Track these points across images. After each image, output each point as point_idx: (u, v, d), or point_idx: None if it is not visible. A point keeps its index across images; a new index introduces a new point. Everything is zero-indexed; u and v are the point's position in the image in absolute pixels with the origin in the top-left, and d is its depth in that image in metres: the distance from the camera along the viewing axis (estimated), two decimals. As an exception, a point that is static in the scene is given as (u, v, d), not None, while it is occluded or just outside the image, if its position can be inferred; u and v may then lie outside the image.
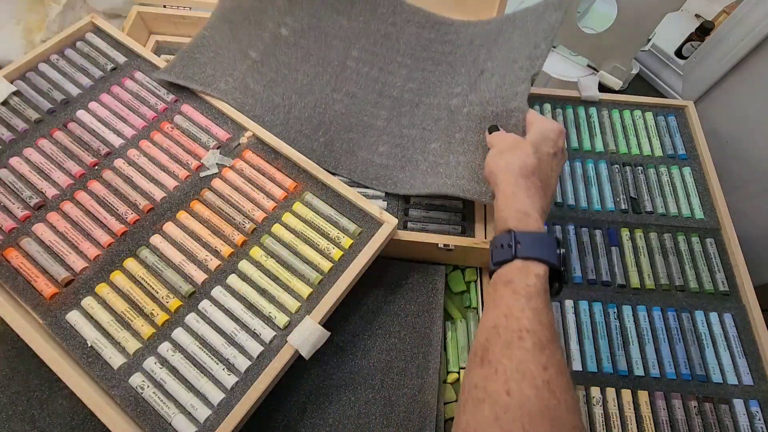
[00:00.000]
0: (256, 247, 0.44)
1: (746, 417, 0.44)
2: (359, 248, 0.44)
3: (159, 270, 0.42)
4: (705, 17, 0.88)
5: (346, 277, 0.42)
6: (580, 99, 0.65)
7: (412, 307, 0.49)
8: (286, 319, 0.40)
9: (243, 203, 0.46)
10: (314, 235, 0.45)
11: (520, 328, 0.29)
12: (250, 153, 0.49)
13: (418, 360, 0.46)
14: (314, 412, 0.44)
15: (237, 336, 0.40)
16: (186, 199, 0.46)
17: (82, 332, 0.39)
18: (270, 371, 0.38)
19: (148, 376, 0.38)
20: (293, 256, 0.44)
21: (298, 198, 0.47)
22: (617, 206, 0.57)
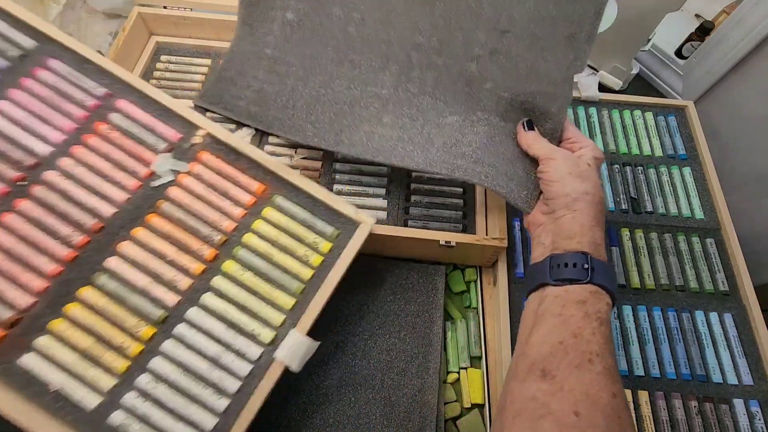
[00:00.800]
0: (229, 260, 0.40)
1: (746, 417, 0.44)
2: (338, 252, 0.42)
3: (123, 297, 0.38)
4: (705, 17, 0.88)
5: (329, 284, 0.40)
6: (580, 99, 0.65)
7: (412, 307, 0.49)
8: (271, 334, 0.38)
9: (208, 213, 0.41)
10: (290, 241, 0.42)
11: (590, 351, 0.28)
12: (207, 154, 0.44)
13: (418, 360, 0.46)
14: (314, 412, 0.44)
15: (222, 358, 0.37)
16: (140, 214, 0.40)
17: (42, 377, 0.34)
18: (261, 390, 0.36)
19: (130, 412, 0.35)
20: (271, 267, 0.41)
21: (268, 202, 0.43)
22: (617, 206, 0.57)
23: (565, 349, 0.29)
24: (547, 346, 0.30)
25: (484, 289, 0.52)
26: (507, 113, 0.44)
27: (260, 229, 0.42)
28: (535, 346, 0.30)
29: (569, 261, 0.33)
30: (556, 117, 0.42)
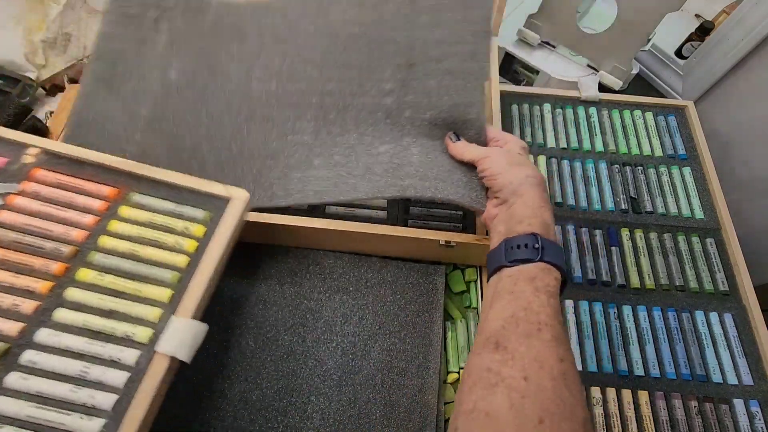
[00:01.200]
0: (82, 269, 0.37)
1: (746, 417, 0.44)
2: (214, 232, 0.39)
3: None
4: (705, 17, 0.88)
5: (209, 262, 0.37)
6: (580, 99, 0.65)
7: (412, 307, 0.49)
8: (149, 332, 0.34)
9: (50, 228, 0.38)
10: (157, 234, 0.39)
11: (539, 321, 0.30)
12: (42, 171, 0.40)
13: (418, 360, 0.46)
14: (314, 412, 0.44)
15: (88, 374, 0.33)
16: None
17: None
18: (144, 393, 0.32)
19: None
20: (137, 264, 0.37)
21: (123, 202, 0.40)
22: (617, 206, 0.57)
23: (516, 322, 0.31)
24: (500, 321, 0.32)
25: (484, 289, 0.52)
26: (432, 132, 0.46)
27: (118, 229, 0.39)
28: (490, 322, 0.32)
29: (521, 242, 0.36)
30: (476, 123, 0.45)
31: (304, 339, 0.47)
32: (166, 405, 0.43)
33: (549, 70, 0.75)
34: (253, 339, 0.47)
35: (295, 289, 0.50)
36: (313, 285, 0.50)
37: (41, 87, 0.68)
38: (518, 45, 0.79)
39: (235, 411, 0.43)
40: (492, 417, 0.27)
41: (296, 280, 0.50)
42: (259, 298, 0.49)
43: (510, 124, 0.63)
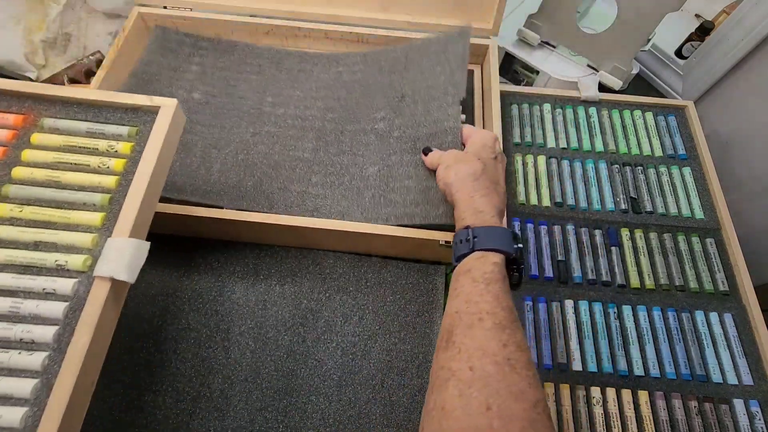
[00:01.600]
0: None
1: (746, 417, 0.44)
2: (143, 146, 0.36)
3: None
4: (705, 17, 0.88)
5: (142, 177, 0.35)
6: (580, 99, 0.65)
7: (412, 307, 0.49)
8: (83, 258, 0.32)
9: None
10: (77, 157, 0.36)
11: (480, 311, 0.31)
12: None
13: (418, 360, 0.46)
14: (314, 412, 0.44)
15: (20, 309, 0.31)
16: None
17: None
18: (88, 320, 0.30)
19: None
20: (60, 191, 0.35)
21: (35, 129, 0.37)
22: (617, 206, 0.57)
23: (460, 316, 0.31)
24: (448, 319, 0.33)
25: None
26: (416, 146, 0.52)
27: (32, 158, 0.36)
28: (442, 324, 0.34)
29: (458, 239, 0.37)
30: (453, 130, 0.50)
31: (304, 339, 0.47)
32: (167, 404, 0.44)
33: (549, 70, 0.75)
34: (253, 339, 0.47)
35: (295, 289, 0.50)
36: (313, 285, 0.50)
37: (41, 87, 0.68)
38: (518, 45, 0.79)
39: (235, 411, 0.43)
40: (446, 410, 0.28)
41: (296, 280, 0.50)
42: (259, 298, 0.49)
43: (510, 124, 0.63)
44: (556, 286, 0.51)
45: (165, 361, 0.45)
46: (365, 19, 0.62)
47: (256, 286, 0.50)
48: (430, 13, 0.62)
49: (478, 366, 0.28)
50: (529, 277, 0.52)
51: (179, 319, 0.48)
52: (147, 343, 0.46)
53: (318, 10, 0.62)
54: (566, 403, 0.45)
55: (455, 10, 0.61)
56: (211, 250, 0.52)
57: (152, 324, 0.47)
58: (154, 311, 0.48)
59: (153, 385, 0.44)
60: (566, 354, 0.47)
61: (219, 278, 0.50)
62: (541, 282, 0.52)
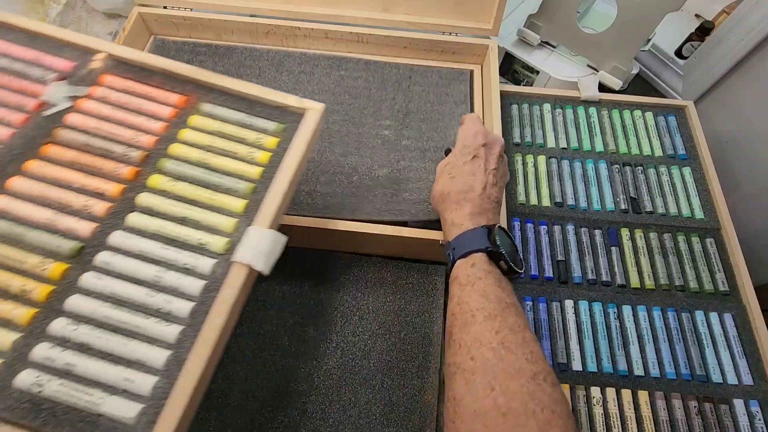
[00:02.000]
0: (154, 174, 0.36)
1: (746, 417, 0.44)
2: (288, 143, 0.37)
3: (17, 236, 0.32)
4: (705, 17, 0.88)
5: (285, 172, 0.35)
6: (580, 99, 0.65)
7: (412, 307, 0.49)
8: (223, 241, 0.33)
9: (119, 132, 0.37)
10: (228, 144, 0.37)
11: (471, 309, 0.33)
12: (110, 76, 0.39)
13: (418, 360, 0.46)
14: (314, 412, 0.44)
15: (163, 279, 0.31)
16: (32, 146, 0.35)
17: None
18: (224, 301, 0.30)
19: (43, 368, 0.28)
20: (209, 172, 0.36)
21: (193, 111, 0.39)
22: (617, 206, 0.57)
23: (455, 318, 0.34)
24: (448, 322, 0.35)
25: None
26: (424, 155, 0.54)
27: (188, 138, 0.37)
28: (446, 327, 0.36)
29: (444, 254, 0.39)
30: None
31: (304, 339, 0.47)
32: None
33: (549, 70, 0.75)
34: (253, 339, 0.47)
35: (295, 289, 0.50)
36: (313, 285, 0.50)
37: (41, 87, 0.68)
38: (518, 45, 0.79)
39: (235, 411, 0.43)
40: (457, 399, 0.30)
41: (296, 280, 0.50)
42: (259, 298, 0.49)
43: (510, 124, 0.63)
44: (556, 286, 0.51)
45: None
46: (365, 19, 0.62)
47: (256, 286, 0.50)
48: (430, 13, 0.62)
49: (477, 355, 0.31)
50: (530, 277, 0.52)
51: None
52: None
53: (318, 10, 0.62)
54: (566, 403, 0.45)
55: (455, 10, 0.61)
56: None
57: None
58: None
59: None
60: (566, 354, 0.47)
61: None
62: (541, 282, 0.52)
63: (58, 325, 0.29)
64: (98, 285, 0.31)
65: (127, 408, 0.27)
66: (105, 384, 0.28)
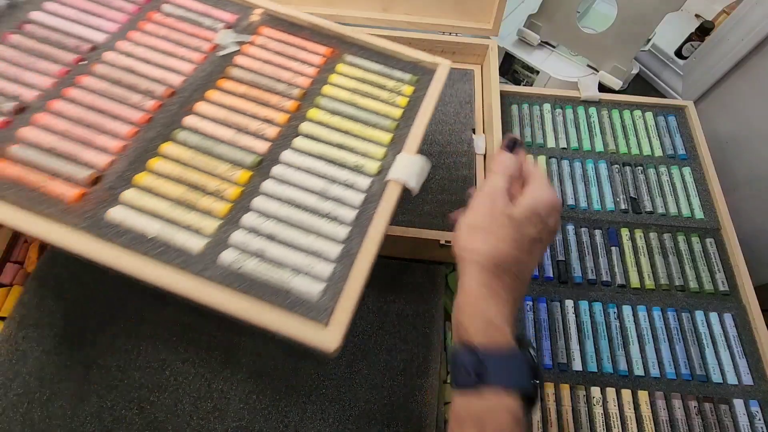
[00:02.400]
0: (313, 108, 0.41)
1: (746, 417, 0.44)
2: (423, 91, 0.42)
3: (208, 148, 0.37)
4: (705, 17, 0.88)
5: (425, 112, 0.41)
6: (580, 99, 0.65)
7: (412, 307, 0.49)
8: (376, 164, 0.37)
9: (279, 73, 0.43)
10: (371, 88, 0.43)
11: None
12: (267, 28, 0.46)
13: (418, 360, 0.46)
14: (314, 412, 0.44)
15: (329, 190, 0.36)
16: (211, 79, 0.41)
17: (136, 227, 0.32)
18: (383, 211, 0.35)
19: (241, 249, 0.33)
20: (357, 110, 0.41)
21: (339, 60, 0.44)
22: (617, 206, 0.57)
23: None
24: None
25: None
26: (428, 156, 0.57)
27: (337, 81, 0.43)
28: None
29: (461, 362, 0.28)
30: (466, 154, 0.56)
31: (304, 339, 0.47)
32: (167, 404, 0.44)
33: (549, 70, 0.75)
34: (253, 339, 0.47)
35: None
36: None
37: (41, 87, 0.68)
38: (518, 45, 0.79)
39: (235, 411, 0.43)
40: None
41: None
42: (259, 298, 0.49)
43: (510, 124, 0.63)
44: (556, 286, 0.51)
45: (165, 361, 0.45)
46: (365, 19, 0.62)
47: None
48: (430, 13, 0.62)
49: None
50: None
51: (179, 319, 0.48)
52: (147, 343, 0.46)
53: (318, 10, 0.62)
54: (566, 403, 0.45)
55: (455, 10, 0.61)
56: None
57: (152, 324, 0.47)
58: (155, 312, 0.48)
59: (153, 385, 0.44)
60: (566, 354, 0.47)
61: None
62: (541, 282, 0.52)
63: (249, 218, 0.34)
64: (277, 191, 0.36)
65: (312, 286, 0.31)
66: (291, 266, 0.32)
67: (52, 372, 0.44)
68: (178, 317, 0.48)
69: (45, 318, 0.47)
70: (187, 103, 0.39)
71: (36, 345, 0.45)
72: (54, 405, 0.42)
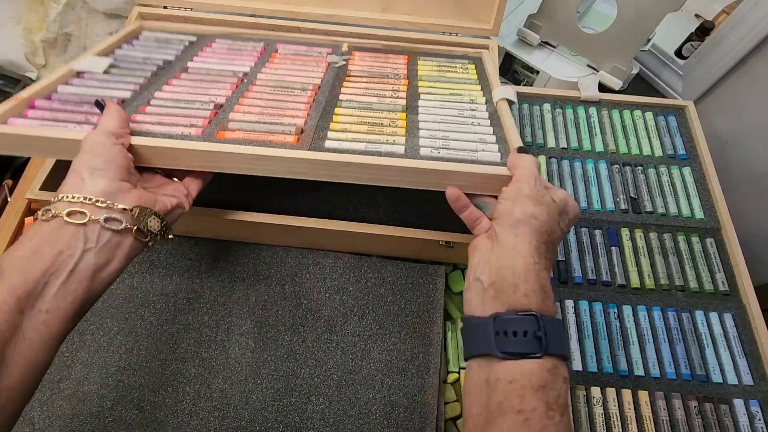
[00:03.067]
0: (418, 81, 0.54)
1: (746, 417, 0.44)
2: (481, 66, 0.58)
3: (367, 106, 0.49)
4: (705, 17, 0.88)
5: (491, 71, 0.55)
6: (580, 99, 0.65)
7: (412, 307, 0.49)
8: (483, 98, 0.51)
9: (383, 69, 0.56)
10: (447, 68, 0.57)
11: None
12: (356, 53, 0.59)
13: (418, 360, 0.46)
14: (314, 412, 0.44)
15: (464, 113, 0.49)
16: (339, 78, 0.54)
17: (348, 147, 0.42)
18: (505, 116, 0.47)
19: (431, 147, 0.43)
20: (447, 78, 0.56)
21: (416, 61, 0.59)
22: (617, 206, 0.57)
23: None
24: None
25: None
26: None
27: (423, 68, 0.57)
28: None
29: (518, 328, 0.27)
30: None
31: (304, 339, 0.47)
32: (167, 404, 0.44)
33: (549, 70, 0.75)
34: (253, 339, 0.47)
35: (295, 289, 0.50)
36: (313, 285, 0.50)
37: (41, 87, 0.68)
38: (518, 45, 0.79)
39: (235, 411, 0.43)
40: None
41: (296, 280, 0.50)
42: (259, 298, 0.49)
43: (510, 124, 0.63)
44: (556, 286, 0.51)
45: (166, 361, 0.45)
46: (365, 19, 0.62)
47: (256, 286, 0.50)
48: (430, 13, 0.62)
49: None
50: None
51: (179, 319, 0.48)
52: (147, 343, 0.46)
53: (318, 10, 0.62)
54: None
55: (455, 10, 0.61)
56: (211, 250, 0.52)
57: (152, 324, 0.47)
58: (155, 312, 0.48)
59: (153, 385, 0.44)
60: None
61: (219, 278, 0.50)
62: (541, 282, 0.52)
63: (424, 131, 0.45)
64: (428, 119, 0.47)
65: (492, 155, 0.42)
66: (469, 150, 0.43)
67: (52, 372, 0.44)
68: (179, 317, 0.48)
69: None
70: (333, 89, 0.51)
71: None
72: (54, 405, 0.42)
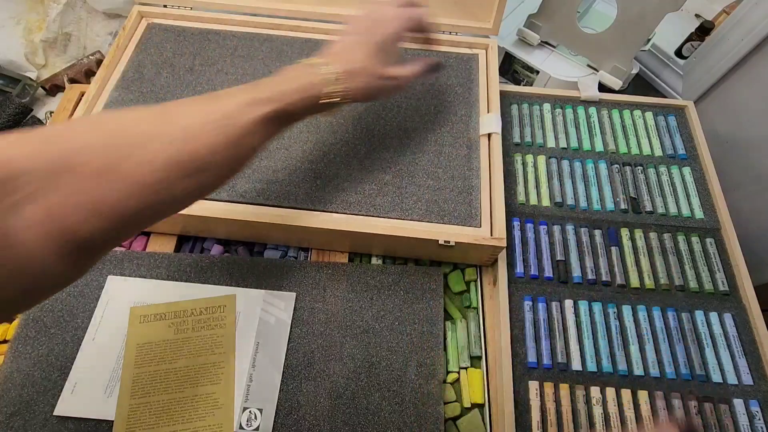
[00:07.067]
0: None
1: (746, 417, 0.44)
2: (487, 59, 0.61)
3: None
4: (705, 17, 0.88)
5: (482, 84, 0.59)
6: (580, 99, 0.65)
7: (411, 307, 0.49)
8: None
9: None
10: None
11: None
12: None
13: (418, 360, 0.46)
14: (315, 412, 0.44)
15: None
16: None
17: None
18: (495, 157, 0.52)
19: None
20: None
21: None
22: (617, 206, 0.57)
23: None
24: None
25: (484, 289, 0.52)
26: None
27: None
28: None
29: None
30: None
31: (305, 339, 0.47)
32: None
33: (549, 70, 0.75)
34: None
35: (295, 289, 0.50)
36: (313, 288, 0.50)
37: (41, 87, 0.68)
38: (518, 45, 0.79)
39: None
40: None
41: (297, 283, 0.50)
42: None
43: (510, 124, 0.63)
44: (556, 286, 0.51)
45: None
46: (365, 18, 0.62)
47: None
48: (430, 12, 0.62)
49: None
50: (530, 277, 0.52)
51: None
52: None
53: (318, 9, 0.62)
54: (566, 403, 0.45)
55: (455, 10, 0.61)
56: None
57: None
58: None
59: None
60: (566, 354, 0.47)
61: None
62: (540, 282, 0.52)
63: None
64: None
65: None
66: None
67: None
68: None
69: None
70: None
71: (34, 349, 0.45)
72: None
